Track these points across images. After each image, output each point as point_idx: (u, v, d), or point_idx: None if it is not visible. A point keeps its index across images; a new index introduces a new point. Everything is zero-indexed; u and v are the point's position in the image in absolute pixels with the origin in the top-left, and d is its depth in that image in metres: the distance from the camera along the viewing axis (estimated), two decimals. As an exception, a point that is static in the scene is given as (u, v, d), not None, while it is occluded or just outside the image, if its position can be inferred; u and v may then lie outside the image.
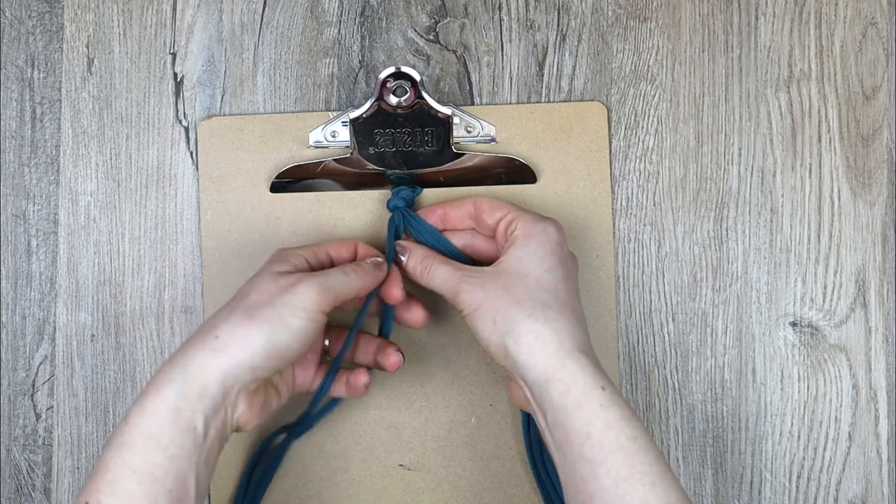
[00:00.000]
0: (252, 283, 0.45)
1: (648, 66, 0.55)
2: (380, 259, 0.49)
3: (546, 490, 0.51)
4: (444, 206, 0.51)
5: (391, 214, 0.52)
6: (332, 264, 0.48)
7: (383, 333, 0.50)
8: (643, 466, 0.40)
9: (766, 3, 0.55)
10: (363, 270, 0.47)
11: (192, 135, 0.55)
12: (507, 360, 0.44)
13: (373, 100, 0.51)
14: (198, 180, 0.54)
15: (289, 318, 0.42)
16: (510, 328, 0.43)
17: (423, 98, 0.51)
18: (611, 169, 0.54)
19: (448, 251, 0.50)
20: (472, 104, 0.55)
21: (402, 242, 0.50)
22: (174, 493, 0.39)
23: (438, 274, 0.47)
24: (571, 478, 0.41)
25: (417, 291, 0.50)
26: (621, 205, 0.54)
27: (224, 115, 0.55)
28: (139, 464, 0.39)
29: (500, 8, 0.55)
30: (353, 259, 0.49)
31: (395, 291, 0.48)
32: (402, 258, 0.50)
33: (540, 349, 0.42)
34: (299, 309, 0.43)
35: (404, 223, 0.51)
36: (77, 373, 0.54)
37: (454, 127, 0.52)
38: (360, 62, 0.55)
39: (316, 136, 0.53)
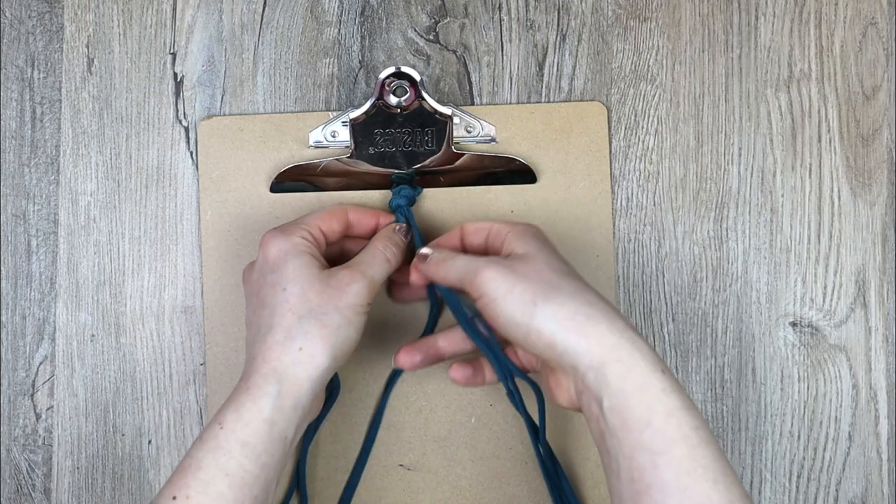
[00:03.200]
0: (295, 282, 0.44)
1: (648, 66, 0.55)
2: (403, 227, 0.50)
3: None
4: (437, 241, 0.50)
5: (395, 217, 0.52)
6: (325, 238, 0.48)
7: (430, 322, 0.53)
8: (706, 460, 0.38)
9: (766, 3, 0.55)
10: (399, 249, 0.48)
11: (192, 135, 0.55)
12: (552, 349, 0.40)
13: (373, 100, 0.51)
14: (198, 180, 0.54)
15: (354, 319, 0.44)
16: (554, 311, 0.40)
17: (423, 98, 0.51)
18: (611, 169, 0.54)
19: None
20: (472, 104, 0.55)
21: (432, 244, 0.49)
22: (259, 498, 0.41)
23: (458, 263, 0.45)
24: (626, 466, 0.38)
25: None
26: (621, 205, 0.54)
27: (224, 115, 0.55)
28: (233, 468, 0.40)
29: (500, 8, 0.55)
30: (346, 227, 0.50)
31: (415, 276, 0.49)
32: (428, 253, 0.48)
33: (593, 330, 0.40)
34: (359, 307, 0.45)
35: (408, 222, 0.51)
36: (77, 373, 0.54)
37: (454, 127, 0.52)
38: (360, 62, 0.55)
39: (316, 136, 0.53)
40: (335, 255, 0.50)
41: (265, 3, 0.56)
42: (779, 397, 0.54)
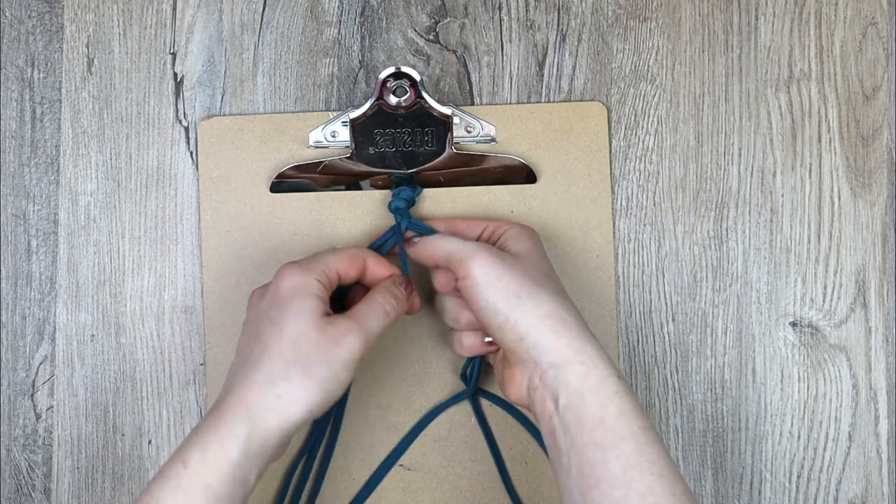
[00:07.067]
0: (294, 325, 0.43)
1: (648, 66, 0.55)
2: (404, 280, 0.48)
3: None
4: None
5: (394, 218, 0.52)
6: (339, 280, 0.47)
7: None
8: (652, 456, 0.40)
9: (766, 3, 0.55)
10: (399, 303, 0.46)
11: (192, 135, 0.55)
12: (521, 342, 0.43)
13: (373, 100, 0.51)
14: (198, 180, 0.54)
15: (342, 375, 0.43)
16: (533, 307, 0.43)
17: (423, 98, 0.51)
18: (611, 169, 0.54)
19: None
20: (472, 104, 0.55)
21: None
22: None
23: (449, 243, 0.46)
24: (577, 462, 0.41)
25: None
26: (621, 205, 0.54)
27: (224, 115, 0.55)
28: None
29: (500, 8, 0.55)
30: (362, 274, 0.47)
31: (417, 303, 0.49)
32: (416, 240, 0.48)
33: (565, 332, 0.43)
34: (350, 363, 0.43)
35: (407, 224, 0.51)
36: (77, 373, 0.54)
37: (454, 127, 0.52)
38: (360, 62, 0.55)
39: (316, 136, 0.53)
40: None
41: (265, 3, 0.56)
42: (779, 397, 0.54)
